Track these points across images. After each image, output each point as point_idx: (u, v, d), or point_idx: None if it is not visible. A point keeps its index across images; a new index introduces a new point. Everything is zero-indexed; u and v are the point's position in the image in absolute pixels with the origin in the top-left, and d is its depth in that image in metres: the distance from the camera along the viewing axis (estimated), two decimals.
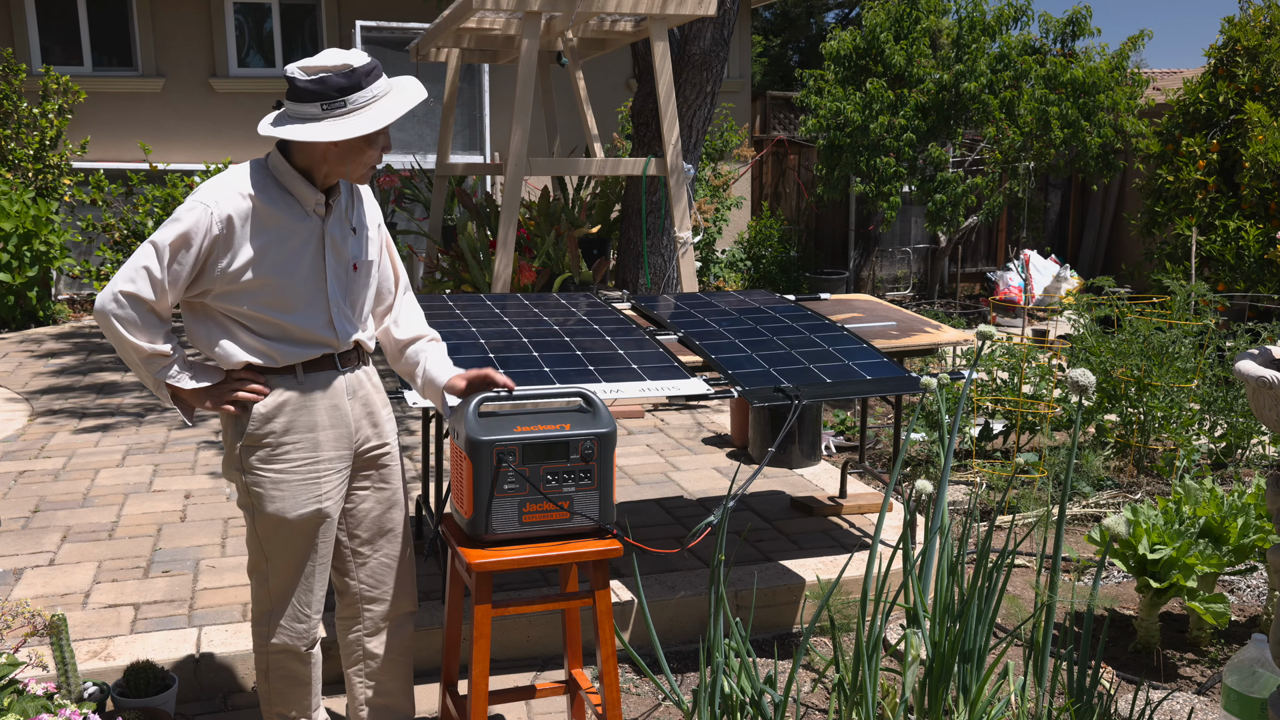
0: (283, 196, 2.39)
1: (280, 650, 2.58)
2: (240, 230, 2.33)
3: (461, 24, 6.44)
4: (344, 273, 2.48)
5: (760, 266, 11.12)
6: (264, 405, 2.42)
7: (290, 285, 2.39)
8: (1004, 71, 9.64)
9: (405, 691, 2.76)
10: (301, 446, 2.46)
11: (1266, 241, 7.82)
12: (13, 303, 8.48)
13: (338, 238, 2.46)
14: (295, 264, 2.39)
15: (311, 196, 2.40)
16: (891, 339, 4.06)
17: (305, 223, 2.41)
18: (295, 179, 2.39)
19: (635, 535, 4.09)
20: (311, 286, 2.42)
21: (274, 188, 2.39)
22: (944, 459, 2.93)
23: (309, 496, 2.47)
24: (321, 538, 2.53)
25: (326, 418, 2.48)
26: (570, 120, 10.19)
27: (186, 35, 10.83)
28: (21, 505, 4.42)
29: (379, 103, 2.34)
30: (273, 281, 2.36)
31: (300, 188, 2.39)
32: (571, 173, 6.59)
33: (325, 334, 2.45)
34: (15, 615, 2.77)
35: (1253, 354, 2.22)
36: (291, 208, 2.39)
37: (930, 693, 2.67)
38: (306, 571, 2.54)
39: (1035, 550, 4.32)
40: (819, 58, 10.87)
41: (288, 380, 2.44)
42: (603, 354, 3.47)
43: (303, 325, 2.42)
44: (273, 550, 2.51)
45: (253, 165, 2.42)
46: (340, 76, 2.29)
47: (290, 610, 2.55)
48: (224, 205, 2.32)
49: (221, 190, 2.34)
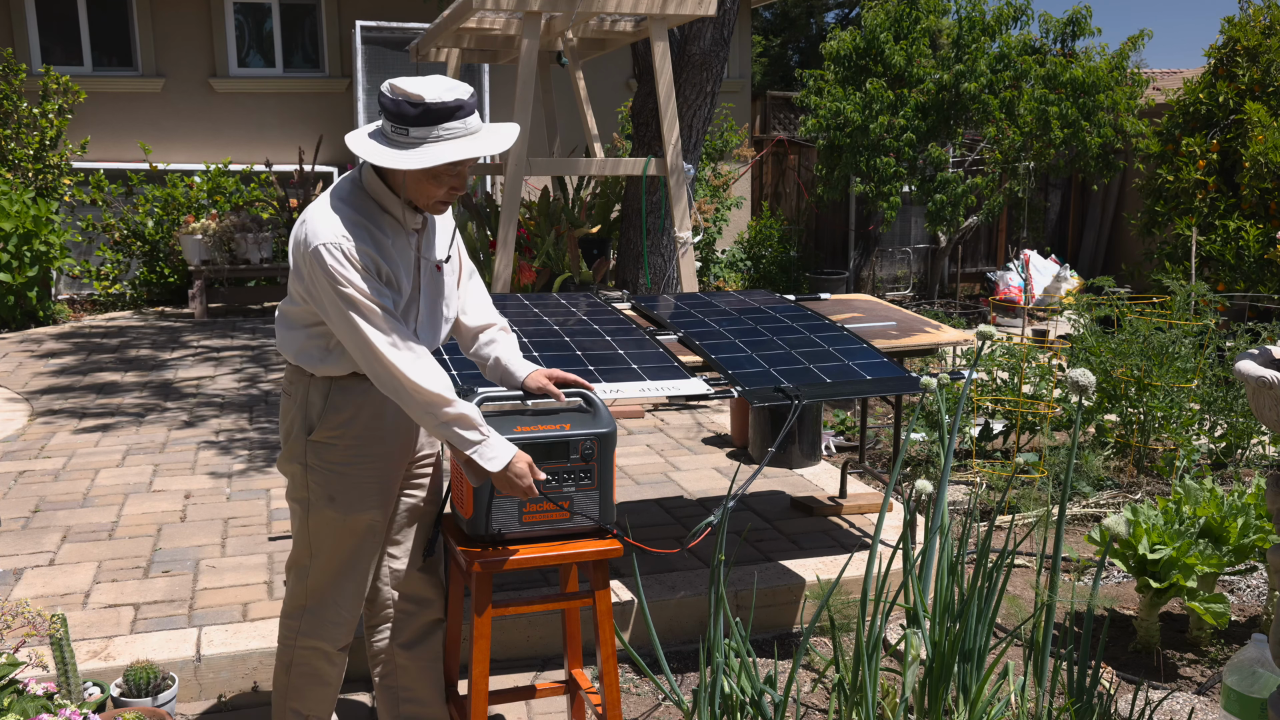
0: (384, 216, 2.37)
1: (309, 648, 2.57)
2: (375, 253, 2.31)
3: (461, 24, 6.44)
4: (431, 277, 2.47)
5: (760, 266, 11.12)
6: (343, 408, 2.42)
7: (402, 300, 2.39)
8: (1004, 71, 9.64)
9: (437, 699, 2.75)
10: (374, 449, 2.46)
11: (1266, 241, 7.82)
12: (13, 303, 8.48)
13: (427, 251, 2.47)
14: (408, 279, 2.39)
15: (412, 218, 2.39)
16: (891, 339, 4.06)
17: (408, 238, 2.41)
18: (392, 200, 2.36)
19: (635, 535, 4.09)
20: (411, 300, 2.42)
21: (375, 209, 2.37)
22: (944, 459, 2.93)
23: (372, 499, 2.47)
24: (371, 540, 2.52)
25: (398, 425, 2.48)
26: (570, 120, 10.19)
27: (186, 35, 10.83)
28: (21, 505, 4.42)
29: (442, 144, 2.26)
30: (392, 297, 2.35)
31: (397, 208, 2.37)
32: (571, 173, 6.59)
33: None
34: (15, 615, 2.77)
35: (1253, 354, 2.22)
36: (390, 225, 2.38)
37: (930, 693, 2.67)
38: (351, 573, 2.52)
39: (1035, 550, 4.32)
40: (819, 58, 10.87)
41: (366, 384, 2.43)
42: (603, 354, 3.47)
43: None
44: (320, 547, 2.50)
45: (344, 190, 2.36)
46: (410, 106, 2.24)
47: (329, 609, 2.54)
48: (350, 238, 2.28)
49: (334, 223, 2.29)
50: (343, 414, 2.43)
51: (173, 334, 8.52)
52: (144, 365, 7.27)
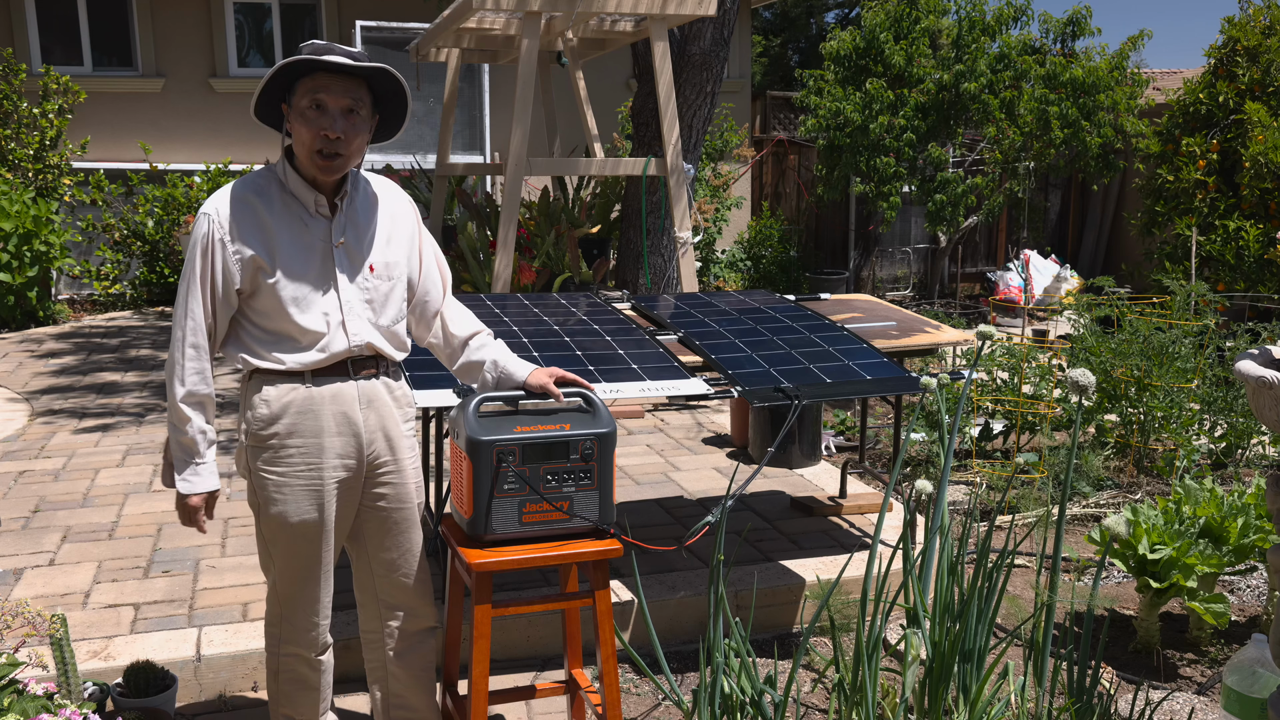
0: (286, 198, 2.40)
1: (290, 654, 2.57)
2: (242, 231, 2.34)
3: (461, 24, 6.44)
4: (358, 275, 2.44)
5: (760, 266, 11.12)
6: (269, 406, 2.40)
7: (299, 286, 2.37)
8: (1004, 71, 9.64)
9: (430, 706, 2.74)
10: (305, 451, 2.42)
11: (1266, 241, 7.82)
12: (13, 303, 8.48)
13: (350, 240, 2.43)
14: (304, 265, 2.38)
15: (310, 195, 2.39)
16: (891, 339, 4.06)
17: (312, 223, 2.40)
18: (296, 180, 2.39)
19: (635, 535, 4.09)
20: (322, 288, 2.40)
21: (278, 190, 2.40)
22: (944, 459, 2.93)
23: (310, 503, 2.44)
24: (324, 546, 2.49)
25: (334, 424, 2.43)
26: (570, 120, 10.19)
27: (186, 35, 10.83)
28: (21, 505, 4.42)
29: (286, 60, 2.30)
30: (282, 281, 2.35)
31: (300, 188, 2.39)
32: (571, 173, 6.59)
33: (336, 335, 2.41)
34: (15, 615, 2.77)
35: (1253, 354, 2.22)
36: (294, 208, 2.39)
37: (930, 693, 2.67)
38: (308, 577, 2.51)
39: (1035, 550, 4.32)
40: (819, 58, 10.87)
41: (294, 383, 2.41)
42: (603, 354, 3.47)
43: (313, 326, 2.39)
44: (276, 553, 2.50)
45: (259, 171, 2.43)
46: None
47: (297, 615, 2.54)
48: (223, 210, 2.36)
49: (224, 195, 2.38)
50: (270, 415, 2.41)
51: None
52: (144, 365, 7.27)
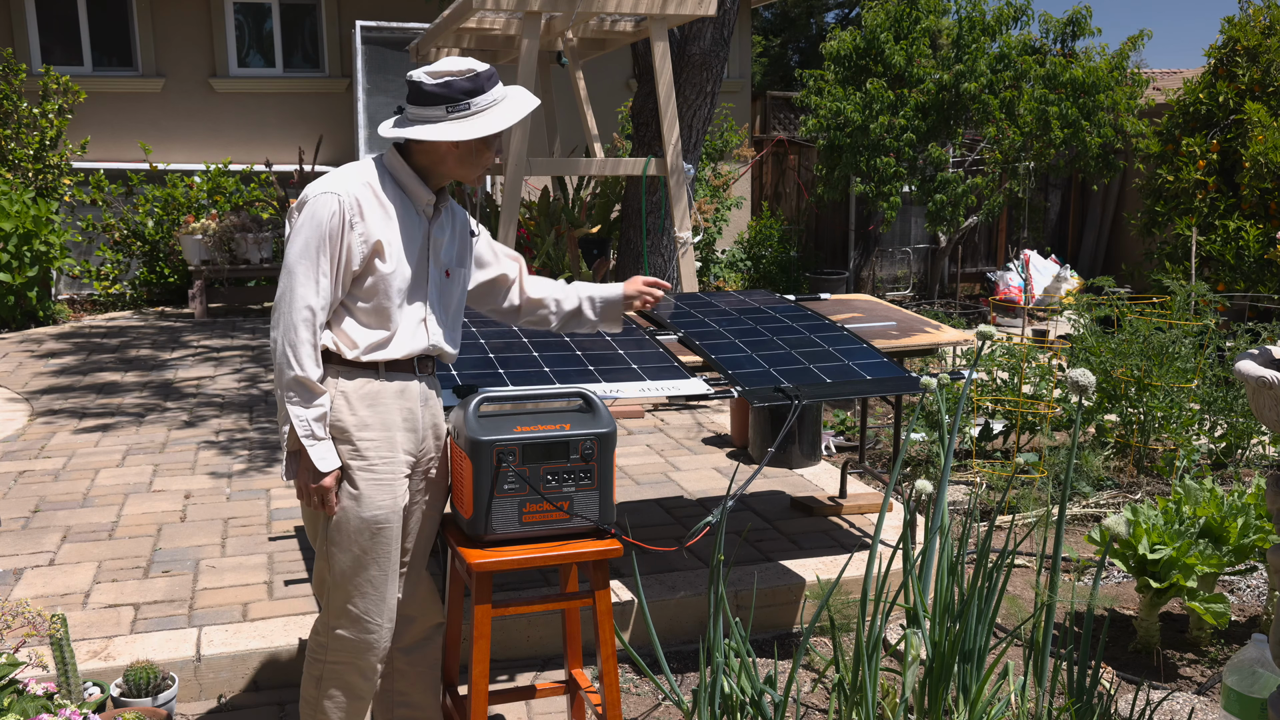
0: (398, 193, 2.45)
1: (339, 662, 2.51)
2: (369, 214, 2.38)
3: (461, 24, 6.44)
4: (440, 277, 2.52)
5: (760, 266, 11.12)
6: (346, 399, 2.39)
7: (405, 278, 2.42)
8: (1004, 71, 9.64)
9: (434, 704, 2.73)
10: (378, 444, 2.42)
11: (1266, 241, 7.82)
12: (13, 303, 8.48)
13: (442, 242, 2.51)
14: (411, 258, 2.44)
15: (424, 195, 2.46)
16: (891, 339, 4.06)
17: (417, 222, 2.46)
18: (411, 177, 2.45)
19: (635, 535, 4.09)
20: (416, 285, 2.46)
21: (391, 184, 2.45)
22: (944, 459, 2.93)
23: (385, 495, 2.42)
24: (393, 539, 2.46)
25: (401, 418, 2.45)
26: (570, 120, 10.18)
27: (186, 35, 10.83)
28: (21, 505, 4.42)
29: (498, 107, 2.43)
30: (396, 270, 2.40)
31: (415, 186, 2.45)
32: (571, 173, 6.59)
33: (418, 333, 2.47)
34: (15, 615, 2.77)
35: (1253, 354, 2.22)
36: (406, 205, 2.45)
37: (930, 693, 2.67)
38: (374, 575, 2.46)
39: (1035, 550, 4.32)
40: (819, 58, 10.87)
41: (369, 374, 2.42)
42: (603, 354, 3.47)
43: (409, 319, 2.45)
44: (339, 548, 2.44)
45: (364, 165, 2.47)
46: (465, 80, 2.38)
47: (355, 615, 2.47)
48: (352, 191, 2.37)
49: (347, 179, 2.40)
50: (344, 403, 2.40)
51: (173, 334, 8.52)
52: (144, 365, 7.27)
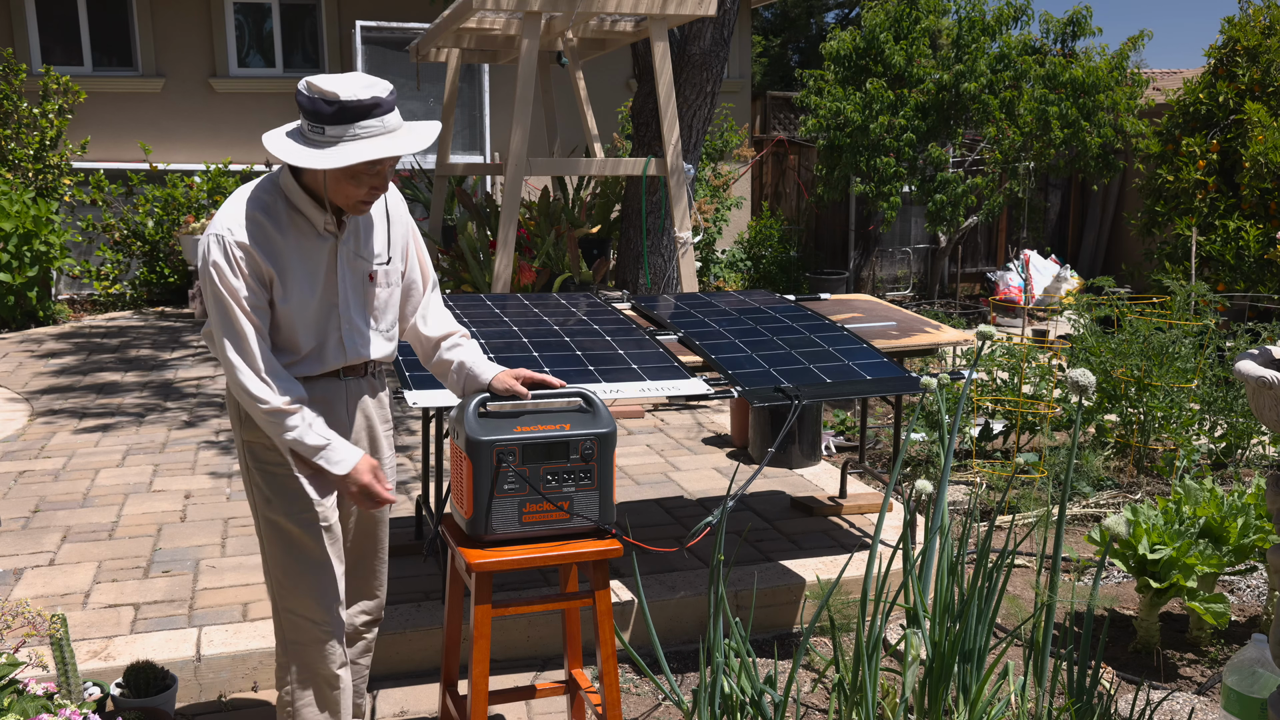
0: (294, 216, 2.34)
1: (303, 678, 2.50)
2: (259, 247, 2.27)
3: (461, 24, 6.43)
4: (360, 284, 2.43)
5: (760, 266, 11.12)
6: None
7: (305, 306, 2.35)
8: (1004, 71, 9.64)
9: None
10: None
11: (1266, 241, 7.82)
12: (13, 303, 8.48)
13: (355, 252, 2.41)
14: (311, 285, 2.35)
15: (320, 216, 2.34)
16: (891, 339, 4.06)
17: (318, 243, 2.36)
18: (304, 199, 2.33)
19: (635, 535, 4.09)
20: (327, 306, 2.38)
21: (284, 207, 2.33)
22: (944, 459, 2.93)
23: (305, 499, 2.42)
24: (329, 543, 2.45)
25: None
26: (570, 120, 10.19)
27: (186, 35, 10.83)
28: (21, 505, 4.42)
29: (358, 142, 2.21)
30: (291, 302, 2.32)
31: (309, 208, 2.33)
32: (571, 173, 6.59)
33: (334, 353, 2.41)
34: (15, 615, 2.77)
35: (1253, 354, 2.22)
36: (303, 227, 2.34)
37: (930, 693, 2.67)
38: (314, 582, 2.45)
39: (1035, 550, 4.32)
40: (819, 58, 10.87)
41: None
42: (603, 354, 3.47)
43: (314, 343, 2.38)
44: (273, 552, 2.48)
45: (261, 186, 2.34)
46: (326, 104, 2.19)
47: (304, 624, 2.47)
48: (237, 230, 2.26)
49: (233, 215, 2.28)
50: None
51: (173, 334, 8.52)
52: (144, 365, 7.27)
